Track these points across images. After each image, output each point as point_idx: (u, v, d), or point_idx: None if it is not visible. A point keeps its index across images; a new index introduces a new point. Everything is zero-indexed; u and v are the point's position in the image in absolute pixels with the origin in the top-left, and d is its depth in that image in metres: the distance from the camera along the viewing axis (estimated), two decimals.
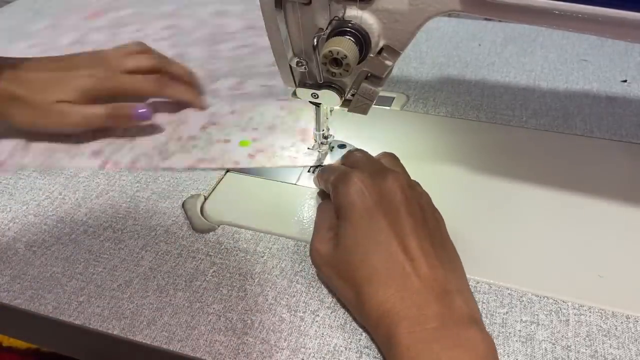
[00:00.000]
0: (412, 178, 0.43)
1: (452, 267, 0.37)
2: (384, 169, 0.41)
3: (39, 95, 0.51)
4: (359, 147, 0.53)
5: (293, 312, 0.38)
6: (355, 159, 0.44)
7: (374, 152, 0.52)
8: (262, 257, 0.43)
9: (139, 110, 0.53)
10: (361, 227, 0.37)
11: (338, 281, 0.38)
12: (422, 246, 0.36)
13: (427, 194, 0.42)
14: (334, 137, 0.52)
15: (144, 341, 0.37)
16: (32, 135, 0.54)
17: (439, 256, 0.36)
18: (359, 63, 0.38)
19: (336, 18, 0.38)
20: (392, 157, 0.46)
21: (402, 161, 0.51)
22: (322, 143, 0.51)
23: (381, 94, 0.44)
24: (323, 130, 0.50)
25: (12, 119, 0.52)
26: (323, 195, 0.47)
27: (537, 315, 0.38)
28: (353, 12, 0.37)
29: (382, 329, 0.34)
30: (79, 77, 0.53)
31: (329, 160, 0.51)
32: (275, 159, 0.52)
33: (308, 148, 0.52)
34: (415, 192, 0.40)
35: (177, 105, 0.58)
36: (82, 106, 0.52)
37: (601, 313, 0.38)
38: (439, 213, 0.41)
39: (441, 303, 0.33)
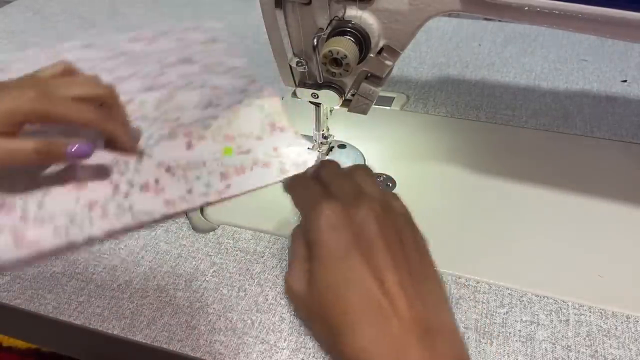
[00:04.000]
0: (412, 177, 0.41)
1: (437, 302, 0.34)
2: (357, 193, 0.38)
3: None
4: (356, 147, 0.53)
5: (293, 312, 0.38)
6: (328, 176, 0.40)
7: (373, 152, 0.53)
8: (262, 257, 0.43)
9: (78, 148, 0.40)
10: (334, 267, 0.34)
11: (313, 322, 0.35)
12: (402, 281, 0.33)
13: (405, 212, 0.38)
14: (334, 137, 0.52)
15: (143, 341, 0.37)
16: None
17: (419, 291, 0.33)
18: (359, 63, 0.38)
19: (336, 18, 0.38)
20: (365, 170, 0.42)
21: (402, 161, 0.52)
22: (322, 143, 0.51)
23: (381, 94, 0.44)
24: (323, 130, 0.50)
25: None
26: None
27: (537, 315, 0.38)
28: (353, 12, 0.37)
29: None
30: (3, 98, 0.41)
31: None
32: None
33: (308, 148, 0.51)
34: (391, 217, 0.36)
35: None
36: (6, 139, 0.40)
37: (601, 313, 0.38)
38: (419, 233, 0.37)
39: (423, 346, 0.31)
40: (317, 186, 0.40)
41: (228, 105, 0.49)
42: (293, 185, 0.43)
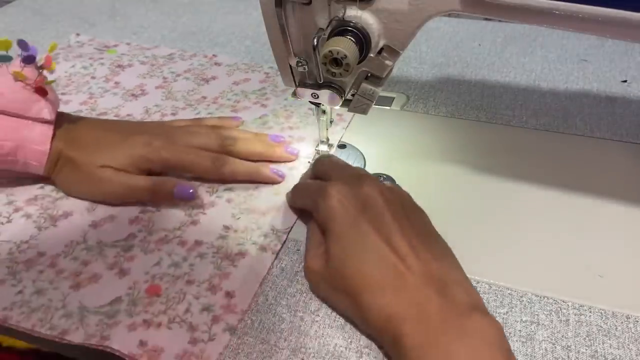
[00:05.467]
0: (412, 177, 0.43)
1: (446, 258, 0.37)
2: (358, 174, 0.41)
3: (86, 157, 0.46)
4: (356, 147, 0.53)
5: (293, 312, 0.38)
6: (326, 168, 0.44)
7: (373, 152, 0.53)
8: None
9: (183, 190, 0.45)
10: (348, 238, 0.37)
11: (335, 295, 0.38)
12: (411, 243, 0.36)
13: (407, 194, 0.42)
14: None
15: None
16: None
17: (430, 249, 0.36)
18: (359, 63, 0.38)
19: (336, 18, 0.38)
20: (359, 168, 0.46)
21: (402, 161, 0.52)
22: (322, 142, 0.51)
23: (381, 94, 0.44)
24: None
25: (58, 180, 0.47)
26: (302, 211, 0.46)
27: (537, 315, 0.38)
28: (353, 12, 0.37)
29: (387, 333, 0.33)
30: (134, 143, 0.47)
31: None
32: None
33: (309, 162, 0.51)
34: (395, 194, 0.40)
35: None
36: (127, 175, 0.46)
37: (601, 313, 0.38)
38: (422, 211, 0.41)
39: (440, 295, 0.33)
40: (317, 182, 0.43)
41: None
42: (294, 193, 0.46)
